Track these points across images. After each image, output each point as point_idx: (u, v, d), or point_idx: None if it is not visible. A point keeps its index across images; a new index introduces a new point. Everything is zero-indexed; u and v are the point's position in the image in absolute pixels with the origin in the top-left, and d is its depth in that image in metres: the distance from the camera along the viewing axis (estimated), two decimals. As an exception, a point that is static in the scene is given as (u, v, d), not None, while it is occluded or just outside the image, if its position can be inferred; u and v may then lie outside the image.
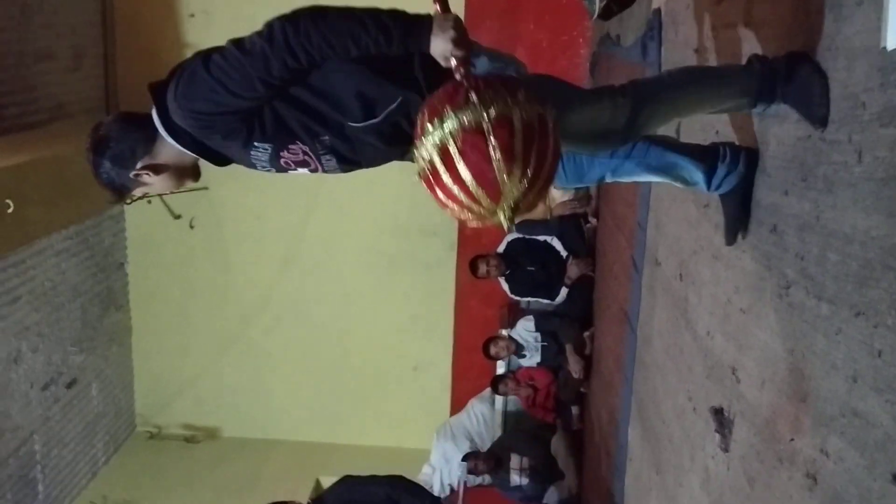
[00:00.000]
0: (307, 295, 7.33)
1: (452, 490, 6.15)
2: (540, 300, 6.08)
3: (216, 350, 7.64)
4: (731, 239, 2.30)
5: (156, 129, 1.89)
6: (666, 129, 2.50)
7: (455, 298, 7.07)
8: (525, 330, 6.05)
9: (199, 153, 1.95)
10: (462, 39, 1.69)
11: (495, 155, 1.48)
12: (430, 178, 1.55)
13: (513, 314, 6.38)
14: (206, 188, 7.19)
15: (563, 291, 5.84)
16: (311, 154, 1.91)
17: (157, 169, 1.94)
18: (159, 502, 7.00)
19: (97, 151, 1.92)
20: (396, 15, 1.72)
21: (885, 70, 1.48)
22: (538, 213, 6.01)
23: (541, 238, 5.86)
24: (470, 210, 1.56)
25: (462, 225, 6.91)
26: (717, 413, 2.43)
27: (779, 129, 2.00)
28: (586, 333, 5.70)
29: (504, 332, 6.20)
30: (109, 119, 1.97)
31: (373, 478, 4.30)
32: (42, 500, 6.41)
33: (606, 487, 4.71)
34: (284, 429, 7.67)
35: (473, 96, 1.50)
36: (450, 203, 1.57)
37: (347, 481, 4.30)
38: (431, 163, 1.53)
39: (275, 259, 7.41)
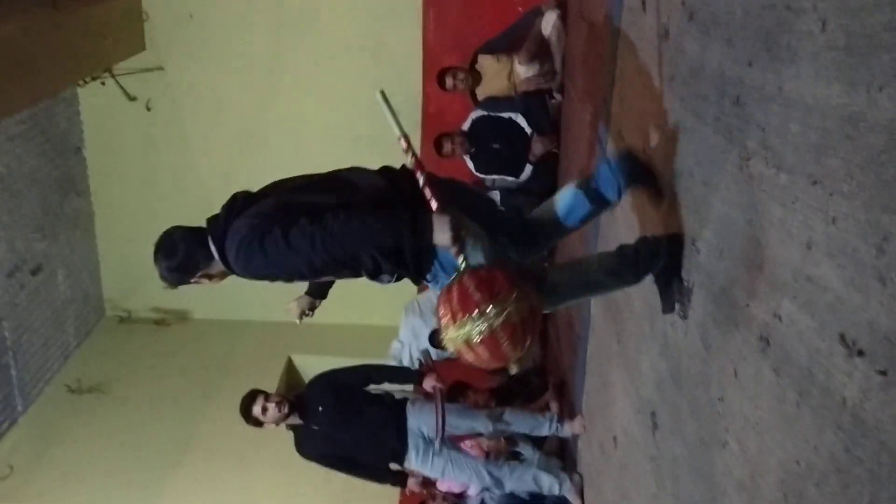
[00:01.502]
0: (271, 176, 7.20)
1: (422, 364, 6.31)
2: (505, 178, 6.08)
3: (181, 233, 7.61)
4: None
5: (213, 254, 2.42)
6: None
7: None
8: None
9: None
10: (457, 235, 2.27)
11: (503, 345, 2.14)
12: (460, 355, 2.22)
13: (479, 193, 6.39)
14: (160, 68, 6.98)
15: (528, 169, 5.84)
16: (334, 278, 2.64)
17: (210, 277, 2.49)
18: (132, 384, 7.13)
19: (167, 256, 2.45)
20: (405, 217, 2.29)
21: (853, -66, 1.46)
22: (503, 89, 5.93)
23: (505, 115, 5.81)
24: (483, 366, 2.37)
25: (426, 103, 6.82)
26: (678, 282, 2.51)
27: (745, -2, 1.98)
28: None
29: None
30: (180, 234, 2.48)
31: (343, 368, 4.45)
32: (16, 384, 6.50)
33: (570, 357, 4.88)
34: (255, 310, 7.75)
35: (484, 307, 2.10)
36: (473, 363, 2.24)
37: (321, 377, 4.44)
38: (458, 349, 2.19)
39: (237, 141, 7.28)
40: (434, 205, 2.31)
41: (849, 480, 1.43)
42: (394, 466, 4.48)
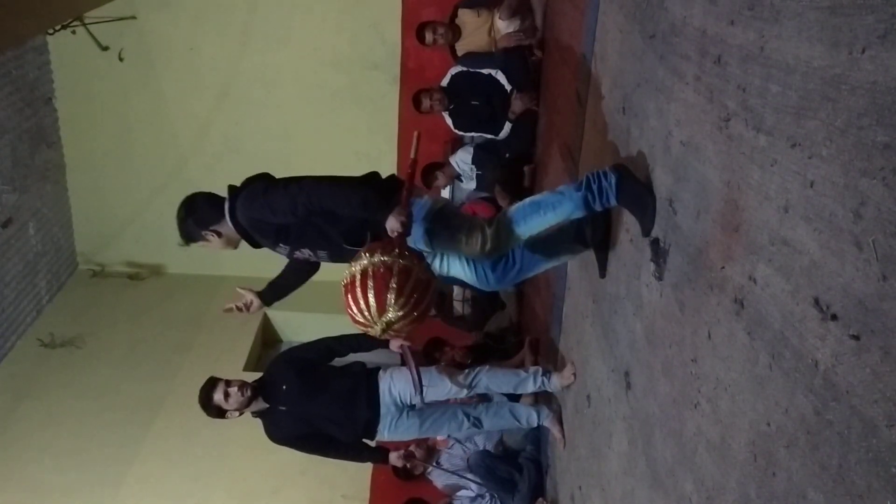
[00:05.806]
0: (246, 130, 7.15)
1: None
2: (484, 135, 6.04)
3: (155, 187, 7.51)
4: None
5: (225, 212, 3.00)
6: None
7: (398, 133, 6.99)
8: (462, 161, 6.07)
9: (243, 237, 3.08)
10: (403, 227, 2.73)
11: (393, 286, 2.41)
12: (348, 285, 2.48)
13: (457, 149, 6.35)
14: (133, 17, 6.81)
15: (507, 126, 5.80)
16: (312, 255, 3.12)
17: (218, 234, 3.04)
18: (106, 339, 7.07)
19: (188, 212, 3.03)
20: (370, 195, 2.83)
21: None
22: (483, 44, 5.85)
23: (485, 71, 5.74)
24: (358, 313, 2.46)
25: (405, 58, 6.72)
26: (653, 243, 2.51)
27: (729, -46, 1.94)
28: (527, 167, 5.74)
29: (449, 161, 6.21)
30: (202, 195, 3.08)
31: (302, 345, 4.39)
32: (-13, 338, 6.43)
33: (546, 316, 4.90)
34: (230, 265, 7.69)
35: (397, 251, 2.50)
36: (351, 304, 2.47)
37: (280, 356, 4.38)
38: (353, 276, 2.47)
39: (211, 92, 7.15)
40: (405, 201, 2.82)
41: (818, 443, 1.43)
42: (368, 442, 4.35)
